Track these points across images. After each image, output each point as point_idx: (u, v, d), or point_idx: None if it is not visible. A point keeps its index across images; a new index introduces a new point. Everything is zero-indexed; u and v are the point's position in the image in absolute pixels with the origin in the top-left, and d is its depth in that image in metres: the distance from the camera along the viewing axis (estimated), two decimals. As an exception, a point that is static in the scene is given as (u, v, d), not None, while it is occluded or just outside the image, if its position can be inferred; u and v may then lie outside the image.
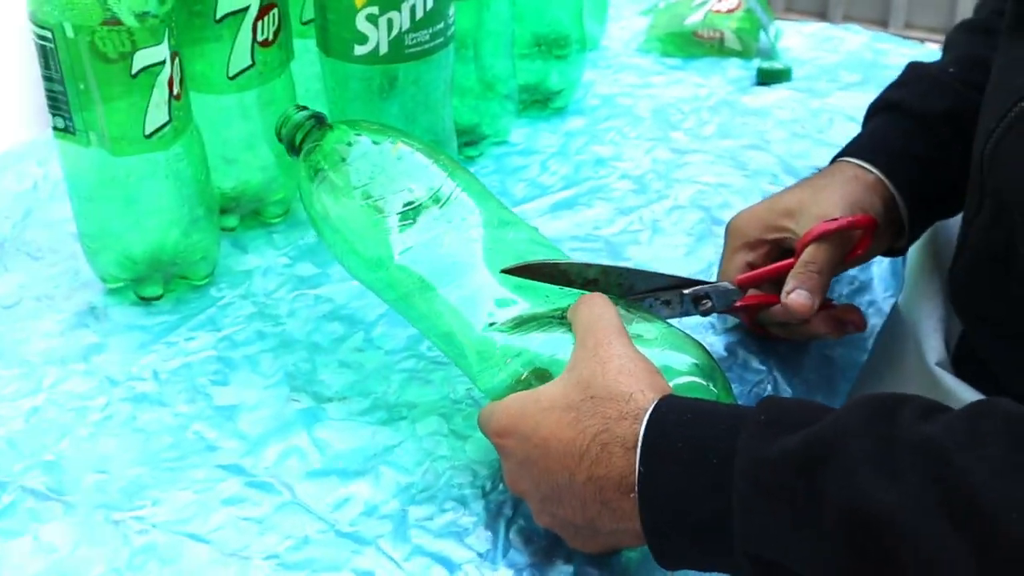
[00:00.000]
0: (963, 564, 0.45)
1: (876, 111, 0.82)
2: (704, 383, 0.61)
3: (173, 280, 0.80)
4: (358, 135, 0.71)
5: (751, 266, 0.75)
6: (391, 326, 0.78)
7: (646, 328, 0.63)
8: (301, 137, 0.72)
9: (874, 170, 0.76)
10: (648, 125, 1.05)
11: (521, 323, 0.64)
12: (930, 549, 0.46)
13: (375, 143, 0.70)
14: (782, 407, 0.53)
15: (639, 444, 0.54)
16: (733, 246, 0.77)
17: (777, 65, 1.14)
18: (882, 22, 2.77)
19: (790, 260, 0.73)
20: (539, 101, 1.06)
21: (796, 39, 1.22)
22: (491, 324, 0.64)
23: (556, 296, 0.65)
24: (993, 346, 0.70)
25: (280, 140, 0.73)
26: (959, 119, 0.76)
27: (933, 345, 0.76)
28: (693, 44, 1.18)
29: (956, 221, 0.76)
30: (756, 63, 1.15)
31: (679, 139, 1.03)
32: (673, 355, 0.62)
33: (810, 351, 0.79)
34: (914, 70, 0.83)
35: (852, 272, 0.87)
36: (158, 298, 0.80)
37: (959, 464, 0.46)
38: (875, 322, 0.84)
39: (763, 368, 0.76)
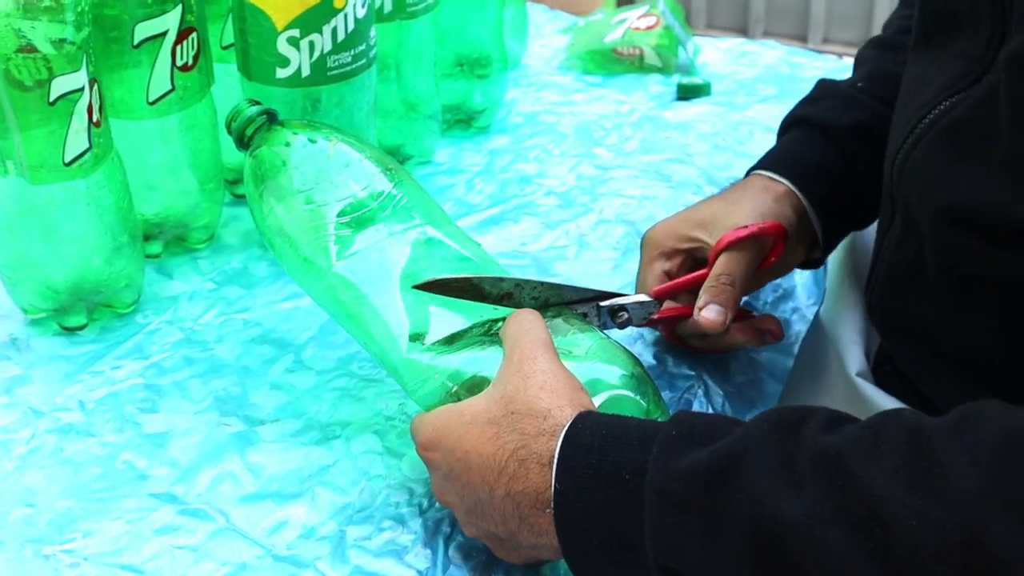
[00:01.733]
0: (867, 573, 0.46)
1: (787, 127, 0.84)
2: (634, 396, 0.61)
3: (97, 309, 0.79)
4: (299, 134, 0.70)
5: (667, 275, 0.76)
6: (321, 348, 0.77)
7: (580, 339, 0.63)
8: (251, 132, 0.72)
9: (784, 181, 0.78)
10: (571, 142, 1.06)
11: (452, 338, 0.64)
12: (832, 559, 0.46)
13: (315, 143, 0.70)
14: (693, 422, 0.54)
15: (555, 461, 0.55)
16: (649, 256, 0.78)
17: (697, 80, 1.16)
18: (801, 38, 2.82)
19: (704, 271, 0.74)
20: (462, 120, 1.06)
21: (714, 54, 1.25)
22: (422, 339, 0.64)
23: (490, 312, 0.66)
24: (908, 356, 0.71)
25: (229, 133, 0.73)
26: (868, 132, 0.78)
27: (854, 355, 0.77)
28: (613, 61, 1.20)
29: (873, 235, 0.78)
30: (676, 79, 1.17)
31: (602, 155, 1.04)
32: (604, 368, 0.62)
33: (738, 356, 0.80)
34: (824, 88, 0.85)
35: (775, 279, 0.88)
36: (82, 328, 0.79)
37: (859, 474, 0.47)
38: (800, 328, 0.85)
39: (692, 374, 0.77)
